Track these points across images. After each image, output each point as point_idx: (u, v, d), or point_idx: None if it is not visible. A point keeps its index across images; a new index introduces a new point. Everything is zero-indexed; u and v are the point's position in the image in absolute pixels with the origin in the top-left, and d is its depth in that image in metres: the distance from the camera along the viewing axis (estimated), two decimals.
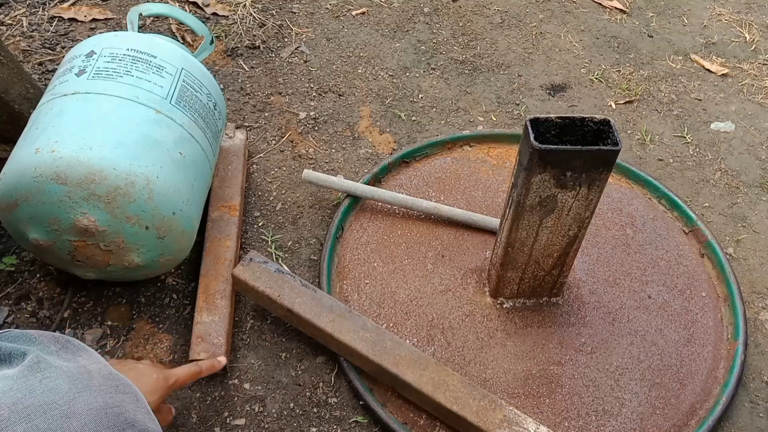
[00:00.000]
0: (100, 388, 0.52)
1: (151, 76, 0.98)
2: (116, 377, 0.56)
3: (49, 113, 0.93)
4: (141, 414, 0.55)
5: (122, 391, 0.55)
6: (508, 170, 1.31)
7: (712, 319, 1.11)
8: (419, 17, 1.68)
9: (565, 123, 0.87)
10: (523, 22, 1.70)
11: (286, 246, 1.16)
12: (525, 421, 0.89)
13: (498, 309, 1.08)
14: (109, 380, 0.54)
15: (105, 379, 0.54)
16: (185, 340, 1.01)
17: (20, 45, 1.46)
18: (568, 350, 1.05)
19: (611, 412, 0.99)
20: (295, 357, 1.02)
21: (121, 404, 0.53)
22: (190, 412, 0.95)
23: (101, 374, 0.54)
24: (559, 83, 1.54)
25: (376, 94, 1.46)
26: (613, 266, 1.16)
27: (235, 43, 1.54)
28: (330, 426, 0.95)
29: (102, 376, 0.54)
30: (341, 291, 1.10)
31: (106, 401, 0.52)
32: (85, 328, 1.02)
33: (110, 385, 0.54)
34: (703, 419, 0.98)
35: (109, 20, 1.56)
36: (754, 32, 1.74)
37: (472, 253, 1.16)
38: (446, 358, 1.02)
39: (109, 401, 0.52)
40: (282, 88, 1.44)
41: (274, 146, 1.32)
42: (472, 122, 1.43)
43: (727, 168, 1.38)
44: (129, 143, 0.90)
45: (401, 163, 1.30)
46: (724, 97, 1.54)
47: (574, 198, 0.90)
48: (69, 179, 0.87)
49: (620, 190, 1.29)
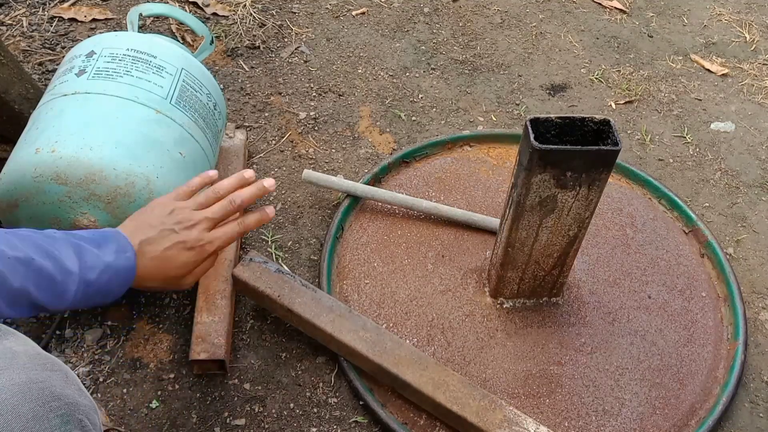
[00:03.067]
0: (24, 365, 0.52)
1: (151, 76, 0.98)
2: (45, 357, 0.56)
3: (49, 113, 0.93)
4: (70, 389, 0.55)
5: (50, 368, 0.55)
6: (508, 170, 1.31)
7: (712, 320, 1.11)
8: (419, 17, 1.68)
9: (565, 123, 0.87)
10: (523, 22, 1.70)
11: (286, 246, 1.16)
12: (525, 421, 0.89)
13: (498, 309, 1.08)
14: (35, 359, 0.54)
15: (31, 358, 0.54)
16: (185, 340, 1.02)
17: (20, 45, 1.46)
18: (568, 350, 1.05)
19: (611, 412, 0.99)
20: (295, 357, 1.02)
21: (47, 380, 0.53)
22: (190, 412, 0.95)
23: (27, 354, 0.55)
24: (559, 83, 1.54)
25: (376, 94, 1.46)
26: (613, 266, 1.17)
27: (235, 43, 1.54)
28: (330, 426, 0.95)
29: (28, 356, 0.54)
30: (341, 291, 1.10)
31: (30, 377, 0.52)
32: (85, 328, 1.02)
33: (36, 363, 0.54)
34: (703, 419, 0.98)
35: (109, 20, 1.56)
36: (754, 32, 1.74)
37: (472, 253, 1.16)
38: (446, 358, 1.02)
39: (33, 377, 0.52)
40: (282, 88, 1.45)
41: (274, 146, 1.32)
42: (472, 122, 1.43)
43: (727, 168, 1.38)
44: (129, 143, 0.90)
45: (401, 163, 1.30)
46: (724, 97, 1.55)
47: (574, 198, 0.90)
48: (69, 179, 0.87)
49: (620, 190, 1.29)
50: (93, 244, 0.72)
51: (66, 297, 0.69)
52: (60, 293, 0.68)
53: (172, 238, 0.78)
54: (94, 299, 0.72)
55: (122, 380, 0.97)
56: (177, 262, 0.79)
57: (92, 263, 0.70)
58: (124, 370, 0.98)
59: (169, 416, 0.94)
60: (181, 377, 0.98)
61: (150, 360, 1.00)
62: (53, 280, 0.67)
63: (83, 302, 0.71)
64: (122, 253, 0.74)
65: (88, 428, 0.55)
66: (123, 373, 0.98)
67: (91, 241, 0.72)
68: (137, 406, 0.95)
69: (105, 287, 0.72)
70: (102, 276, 0.71)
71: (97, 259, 0.71)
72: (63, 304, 0.69)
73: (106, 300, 0.74)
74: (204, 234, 0.81)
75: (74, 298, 0.69)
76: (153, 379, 0.98)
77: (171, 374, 0.98)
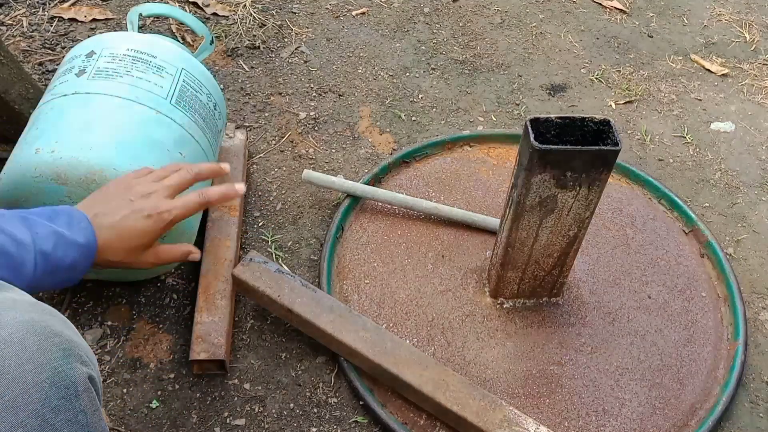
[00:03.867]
0: (26, 309, 0.55)
1: (151, 76, 0.98)
2: (42, 305, 0.58)
3: (49, 113, 0.93)
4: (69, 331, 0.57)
5: (48, 313, 0.57)
6: (508, 170, 1.31)
7: (712, 320, 1.11)
8: (419, 17, 1.68)
9: (565, 123, 0.87)
10: (523, 22, 1.70)
11: (286, 246, 1.16)
12: (525, 421, 0.89)
13: (498, 309, 1.08)
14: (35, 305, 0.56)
15: (31, 305, 0.56)
16: (185, 340, 1.02)
17: (20, 45, 1.46)
18: (568, 350, 1.05)
19: (611, 412, 0.99)
20: (295, 357, 1.02)
21: (48, 320, 0.55)
22: (190, 412, 0.95)
23: (27, 302, 0.57)
24: (559, 83, 1.54)
25: (376, 94, 1.46)
26: (613, 266, 1.17)
27: (235, 43, 1.54)
28: (330, 426, 0.95)
29: (28, 303, 0.56)
30: (341, 291, 1.10)
31: (32, 317, 0.54)
32: (85, 328, 1.02)
33: (36, 308, 0.56)
34: (703, 419, 0.98)
35: (109, 20, 1.56)
36: (754, 32, 1.74)
37: (472, 253, 1.16)
38: (446, 358, 1.02)
39: (35, 317, 0.54)
40: (282, 88, 1.45)
41: (274, 146, 1.32)
42: (472, 122, 1.43)
43: (727, 168, 1.38)
44: (129, 143, 0.90)
45: (401, 163, 1.30)
46: (724, 97, 1.55)
47: (574, 198, 0.90)
48: (69, 179, 0.87)
49: (620, 190, 1.29)
50: (43, 217, 0.72)
51: (26, 271, 0.68)
52: (18, 266, 0.67)
53: (129, 206, 0.79)
54: (59, 275, 0.72)
55: (122, 380, 0.97)
56: (135, 232, 0.79)
57: (44, 234, 0.70)
58: (124, 370, 0.98)
59: (169, 416, 0.94)
60: (181, 377, 0.98)
61: (150, 360, 1.00)
62: (6, 253, 0.66)
63: (49, 279, 0.71)
64: (76, 223, 0.74)
65: (87, 363, 0.57)
66: (123, 373, 0.98)
67: (41, 214, 0.72)
68: (137, 406, 0.95)
69: (66, 260, 0.71)
70: (58, 247, 0.70)
71: (49, 230, 0.71)
72: (25, 279, 0.68)
73: (74, 276, 0.74)
74: (162, 201, 0.81)
75: (35, 272, 0.69)
76: (153, 379, 0.98)
77: (171, 374, 0.98)
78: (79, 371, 0.55)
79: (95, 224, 0.76)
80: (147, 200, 0.80)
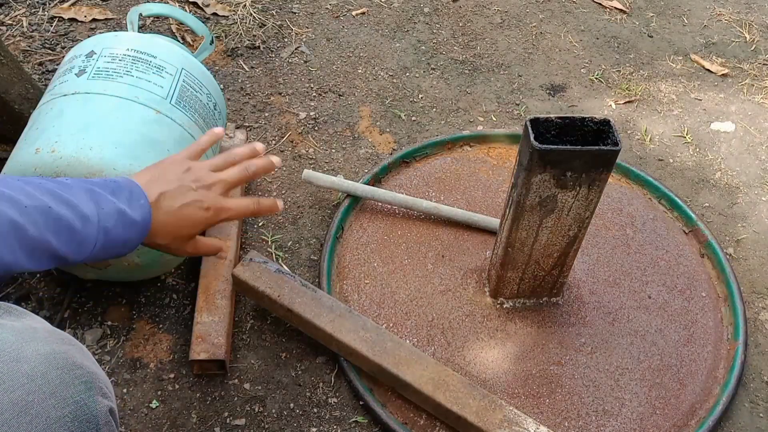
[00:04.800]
0: (46, 339, 0.54)
1: (151, 76, 0.98)
2: (60, 332, 0.57)
3: (49, 113, 0.93)
4: (88, 362, 0.56)
5: (67, 342, 0.56)
6: (508, 170, 1.31)
7: (712, 320, 1.11)
8: (419, 17, 1.68)
9: (565, 123, 0.87)
10: (523, 22, 1.70)
11: (286, 246, 1.16)
12: (525, 421, 0.89)
13: (498, 309, 1.08)
14: (53, 334, 0.56)
15: (50, 333, 0.56)
16: (185, 340, 1.02)
17: (20, 45, 1.46)
18: (568, 350, 1.05)
19: (611, 412, 0.99)
20: (295, 357, 1.02)
21: (68, 351, 0.55)
22: (190, 412, 0.95)
23: (46, 330, 0.56)
24: (559, 83, 1.54)
25: (376, 94, 1.46)
26: (613, 266, 1.17)
27: (235, 43, 1.54)
28: (330, 426, 0.95)
29: (47, 331, 0.56)
30: (341, 291, 1.10)
31: (53, 348, 0.53)
32: (85, 328, 1.02)
33: (55, 338, 0.56)
34: (703, 419, 0.98)
35: (109, 20, 1.56)
36: (754, 32, 1.74)
37: (472, 253, 1.16)
38: (446, 358, 1.02)
39: (56, 348, 0.54)
40: (282, 88, 1.45)
41: (274, 146, 1.32)
42: (472, 122, 1.43)
43: (727, 168, 1.38)
44: (129, 143, 0.90)
45: (401, 163, 1.30)
46: (724, 97, 1.55)
47: (574, 198, 0.90)
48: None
49: (620, 190, 1.29)
50: (107, 191, 0.70)
51: (86, 246, 0.67)
52: (80, 241, 0.66)
53: (191, 195, 0.77)
54: (111, 251, 0.70)
55: (122, 380, 0.97)
56: (191, 221, 0.77)
57: (109, 211, 0.68)
58: (124, 370, 0.98)
59: (169, 416, 0.94)
60: (181, 377, 0.98)
61: (150, 360, 1.00)
62: (72, 228, 0.65)
63: (102, 253, 0.69)
64: (136, 200, 0.72)
65: (107, 395, 0.57)
66: (123, 373, 0.98)
67: (104, 187, 0.70)
68: (137, 406, 0.95)
69: (122, 237, 0.70)
70: (119, 225, 0.69)
71: (114, 207, 0.69)
72: (83, 254, 0.67)
73: (122, 252, 0.72)
74: (220, 198, 0.80)
75: (94, 248, 0.68)
76: (153, 379, 0.98)
77: (171, 374, 0.98)
78: (100, 404, 0.55)
79: (155, 205, 0.74)
80: (208, 192, 0.79)
